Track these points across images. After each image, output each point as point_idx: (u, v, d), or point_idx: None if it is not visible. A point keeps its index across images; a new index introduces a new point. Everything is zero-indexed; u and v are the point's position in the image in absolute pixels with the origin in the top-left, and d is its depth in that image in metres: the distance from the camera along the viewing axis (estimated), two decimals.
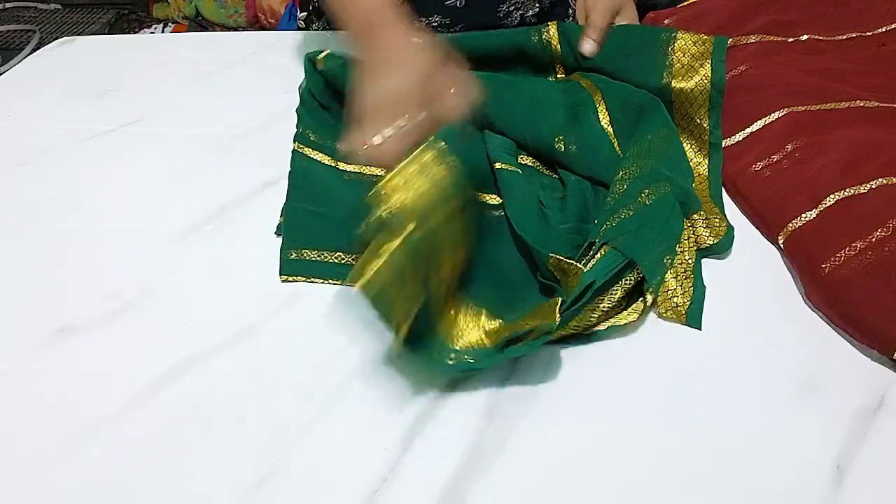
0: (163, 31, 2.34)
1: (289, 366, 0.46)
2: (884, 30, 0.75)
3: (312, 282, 0.52)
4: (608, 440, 0.41)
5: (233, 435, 0.42)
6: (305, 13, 0.94)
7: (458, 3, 0.82)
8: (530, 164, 0.64)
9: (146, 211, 0.60)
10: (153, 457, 0.41)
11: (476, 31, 0.76)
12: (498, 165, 0.60)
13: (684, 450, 0.41)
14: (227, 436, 0.42)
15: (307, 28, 0.94)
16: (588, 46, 0.67)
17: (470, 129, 0.60)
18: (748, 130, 0.63)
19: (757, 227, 0.56)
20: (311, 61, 0.70)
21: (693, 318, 0.49)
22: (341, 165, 0.63)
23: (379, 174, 0.48)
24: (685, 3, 0.85)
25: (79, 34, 1.34)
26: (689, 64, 0.63)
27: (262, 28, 2.18)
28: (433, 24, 0.85)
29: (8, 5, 2.34)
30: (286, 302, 0.50)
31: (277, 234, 0.57)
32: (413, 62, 0.52)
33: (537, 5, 0.87)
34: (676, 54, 0.63)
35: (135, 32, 2.33)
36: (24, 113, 0.75)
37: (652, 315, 0.49)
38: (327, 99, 0.69)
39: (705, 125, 0.63)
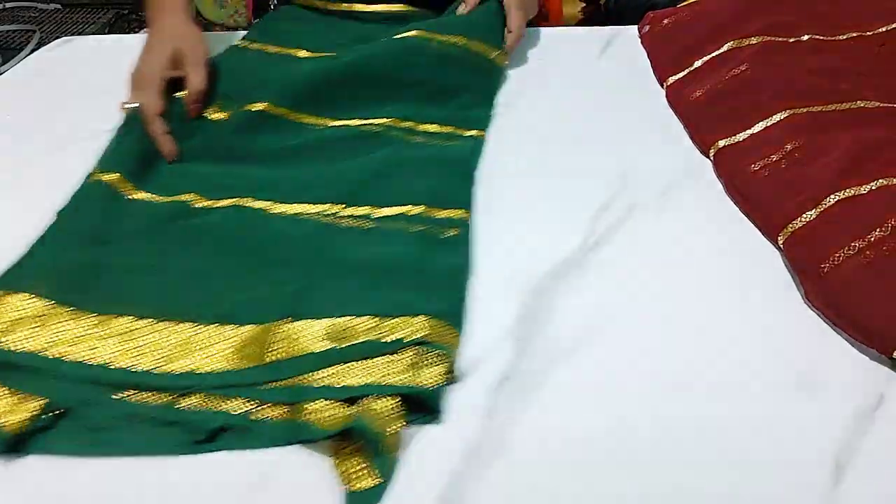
0: None
1: None
2: (884, 30, 0.75)
3: None
4: (607, 438, 0.41)
5: None
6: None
7: None
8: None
9: None
10: (153, 456, 0.41)
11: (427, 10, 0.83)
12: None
13: (684, 448, 0.41)
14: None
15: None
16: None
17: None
18: (749, 132, 0.63)
19: (757, 227, 0.56)
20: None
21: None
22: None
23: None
24: (685, 3, 0.85)
25: (79, 34, 1.35)
26: None
27: None
28: None
29: (8, 5, 2.34)
30: None
31: None
32: (166, 45, 0.67)
33: None
34: None
35: (135, 32, 2.33)
36: (23, 113, 0.75)
37: (653, 313, 0.49)
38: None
39: None
